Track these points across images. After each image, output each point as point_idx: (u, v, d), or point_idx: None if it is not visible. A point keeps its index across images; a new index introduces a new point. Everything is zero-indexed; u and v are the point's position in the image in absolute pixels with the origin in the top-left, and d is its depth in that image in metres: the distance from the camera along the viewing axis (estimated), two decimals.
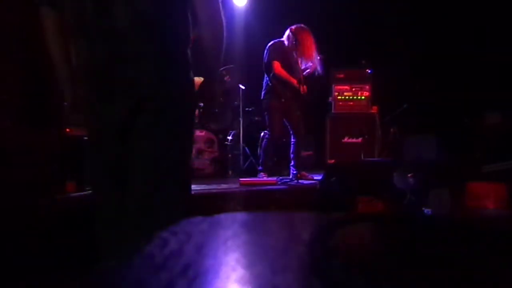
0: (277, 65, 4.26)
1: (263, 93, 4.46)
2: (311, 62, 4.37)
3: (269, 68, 4.32)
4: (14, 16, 2.80)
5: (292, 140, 4.49)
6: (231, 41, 1.53)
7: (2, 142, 2.63)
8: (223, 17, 1.44)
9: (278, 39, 4.43)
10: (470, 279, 0.42)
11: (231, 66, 5.05)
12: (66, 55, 1.43)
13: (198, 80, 1.48)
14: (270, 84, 4.36)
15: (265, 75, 4.42)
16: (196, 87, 1.47)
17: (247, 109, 5.52)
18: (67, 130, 3.14)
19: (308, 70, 4.43)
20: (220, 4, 1.43)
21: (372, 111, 5.53)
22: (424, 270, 0.43)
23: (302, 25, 4.40)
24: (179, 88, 1.38)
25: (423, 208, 3.08)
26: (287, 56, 4.32)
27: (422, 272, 0.43)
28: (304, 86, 4.28)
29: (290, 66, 4.30)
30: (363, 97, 5.57)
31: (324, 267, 0.40)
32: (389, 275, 0.42)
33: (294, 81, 4.25)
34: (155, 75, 1.33)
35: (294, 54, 4.31)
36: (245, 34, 5.45)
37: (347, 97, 5.59)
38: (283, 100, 4.31)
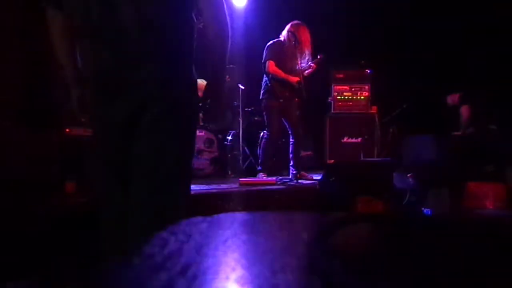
0: (271, 64, 4.26)
1: (261, 92, 4.46)
2: (309, 56, 4.38)
3: (264, 67, 4.33)
4: (14, 17, 2.81)
5: (291, 140, 4.49)
6: (231, 41, 1.53)
7: (2, 142, 2.63)
8: (227, 17, 1.44)
9: (277, 39, 4.43)
10: (469, 279, 0.42)
11: (231, 66, 5.05)
12: (73, 57, 1.44)
13: (201, 82, 1.48)
14: (268, 84, 4.36)
15: (264, 75, 4.43)
16: (200, 89, 1.47)
17: (246, 109, 5.52)
18: (67, 130, 3.14)
19: (309, 70, 4.43)
20: (225, 4, 1.44)
21: (372, 111, 5.54)
22: (423, 270, 0.43)
23: (298, 21, 4.42)
24: (183, 89, 1.39)
25: (422, 208, 3.08)
26: (284, 55, 4.32)
27: (421, 272, 0.43)
28: (300, 80, 4.27)
29: (288, 65, 4.30)
30: (362, 97, 5.58)
31: (324, 267, 0.41)
32: (388, 275, 0.42)
33: (289, 77, 4.24)
34: (159, 76, 1.34)
35: (295, 53, 4.31)
36: (245, 34, 5.45)
37: (346, 97, 5.60)
38: (281, 100, 4.31)
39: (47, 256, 2.26)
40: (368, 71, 5.59)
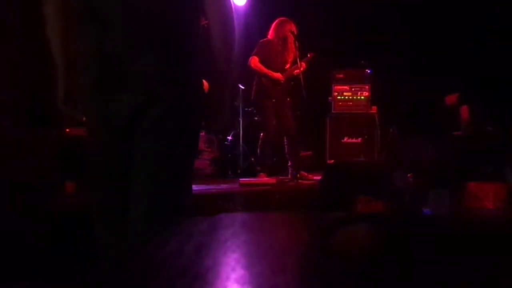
0: (253, 60, 4.24)
1: (253, 94, 4.44)
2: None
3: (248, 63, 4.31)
4: (14, 17, 2.80)
5: (285, 140, 4.48)
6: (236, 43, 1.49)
7: (2, 142, 2.63)
8: (234, 18, 1.38)
9: (267, 38, 4.44)
10: (469, 278, 0.42)
11: None
12: (65, 45, 1.34)
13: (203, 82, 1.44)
14: (260, 83, 4.33)
15: (256, 76, 4.40)
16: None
17: (246, 109, 5.52)
18: (67, 130, 3.14)
19: (300, 69, 4.41)
20: (232, 6, 1.38)
21: (372, 111, 5.54)
22: (423, 269, 0.43)
23: (283, 18, 4.43)
24: (190, 86, 1.33)
25: (422, 208, 3.08)
26: (271, 54, 4.30)
27: (421, 272, 0.43)
28: (283, 75, 4.25)
29: (275, 65, 4.29)
30: (362, 97, 5.58)
31: (324, 267, 0.41)
32: (388, 275, 0.42)
33: (271, 73, 4.23)
34: (167, 70, 1.27)
35: (282, 52, 4.30)
36: (245, 34, 5.45)
37: (346, 97, 5.60)
38: (274, 100, 4.29)
39: (47, 256, 2.26)
40: (368, 71, 5.59)
